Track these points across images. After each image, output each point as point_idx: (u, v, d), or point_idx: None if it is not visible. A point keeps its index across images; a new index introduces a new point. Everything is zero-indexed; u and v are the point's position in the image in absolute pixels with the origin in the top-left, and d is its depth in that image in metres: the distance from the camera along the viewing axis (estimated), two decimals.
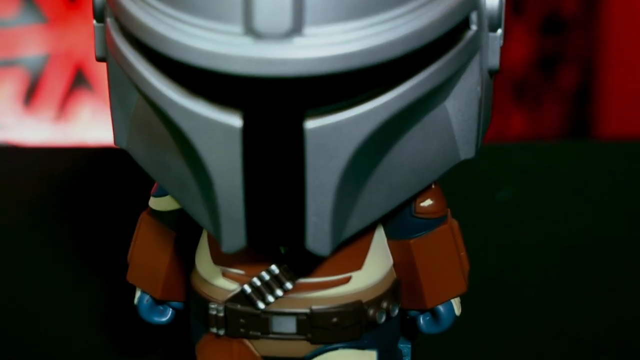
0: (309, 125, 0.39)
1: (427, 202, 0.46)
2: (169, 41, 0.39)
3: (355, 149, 0.40)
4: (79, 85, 1.21)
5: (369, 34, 0.39)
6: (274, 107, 0.39)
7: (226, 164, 0.40)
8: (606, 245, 0.69)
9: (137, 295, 0.49)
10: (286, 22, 0.38)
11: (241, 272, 0.46)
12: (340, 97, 0.39)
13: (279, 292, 0.45)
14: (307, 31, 0.38)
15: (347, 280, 0.46)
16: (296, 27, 0.38)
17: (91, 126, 1.22)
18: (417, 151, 0.43)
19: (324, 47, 0.38)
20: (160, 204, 0.48)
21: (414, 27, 0.39)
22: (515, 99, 1.27)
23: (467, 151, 0.44)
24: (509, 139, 1.25)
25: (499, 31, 0.43)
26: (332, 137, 0.39)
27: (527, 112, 1.28)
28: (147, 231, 0.48)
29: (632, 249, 0.69)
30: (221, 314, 0.46)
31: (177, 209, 0.47)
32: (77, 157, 0.82)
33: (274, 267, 0.45)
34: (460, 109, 0.43)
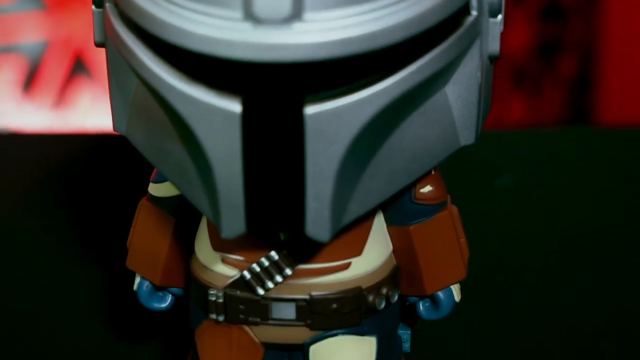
0: (309, 110, 0.39)
1: (426, 189, 0.46)
2: (169, 26, 0.39)
3: (355, 134, 0.40)
4: (78, 72, 1.21)
5: (369, 19, 0.38)
6: (274, 92, 0.39)
7: (225, 150, 0.40)
8: (606, 232, 0.69)
9: (137, 281, 0.49)
10: (286, 7, 0.38)
11: (240, 258, 0.46)
12: (340, 82, 0.39)
13: (279, 278, 0.45)
14: (306, 16, 0.38)
15: (346, 266, 0.46)
16: (296, 13, 0.38)
17: (90, 113, 1.22)
18: (417, 137, 0.42)
19: (323, 33, 0.38)
20: (159, 190, 0.48)
21: (414, 12, 0.39)
22: (515, 86, 1.27)
23: (467, 137, 0.44)
24: (509, 126, 1.25)
25: (499, 17, 0.43)
26: (331, 122, 0.39)
27: (527, 99, 1.28)
28: (146, 217, 0.48)
29: (632, 236, 0.69)
30: (220, 300, 0.46)
31: (177, 195, 0.47)
32: (76, 144, 0.82)
33: (273, 253, 0.45)
34: (460, 95, 0.43)
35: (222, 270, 0.46)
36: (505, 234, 0.69)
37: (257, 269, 0.45)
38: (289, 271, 0.45)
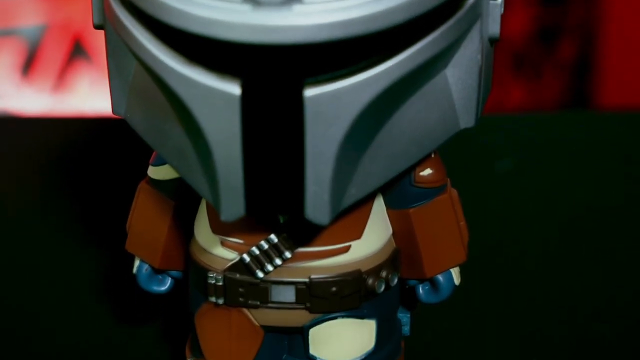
0: (309, 93, 0.39)
1: (426, 172, 0.46)
2: (168, 8, 0.39)
3: (355, 117, 0.39)
4: (77, 55, 1.21)
5: (369, 1, 0.38)
6: (273, 75, 0.39)
7: (225, 132, 0.40)
8: (605, 215, 0.69)
9: (136, 264, 0.49)
10: None
11: (240, 241, 0.45)
12: (340, 64, 0.39)
13: (278, 261, 0.45)
14: None
15: (346, 249, 0.46)
16: None
17: (89, 96, 1.22)
18: (417, 119, 0.42)
19: (323, 14, 0.38)
20: (159, 172, 0.48)
21: None
22: (515, 71, 1.27)
23: (467, 120, 0.44)
24: (509, 111, 1.25)
25: None
26: (331, 105, 0.39)
27: (527, 83, 1.28)
28: (145, 200, 0.48)
29: (632, 219, 0.69)
30: (220, 283, 0.46)
31: (176, 178, 0.47)
32: (75, 127, 0.82)
33: (273, 236, 0.45)
34: (460, 77, 0.43)
35: (222, 253, 0.46)
36: (505, 218, 0.69)
37: (257, 252, 0.45)
38: (288, 254, 0.45)
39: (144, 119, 0.44)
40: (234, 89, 0.39)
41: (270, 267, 0.45)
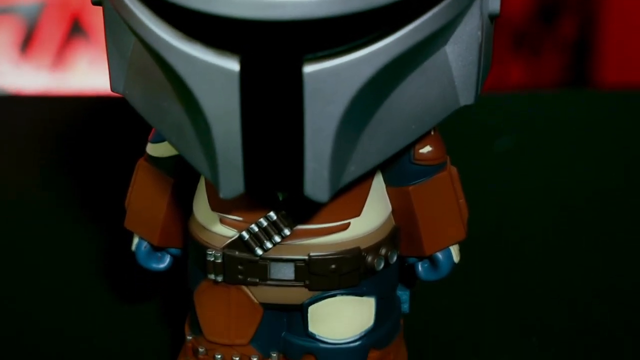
0: (308, 69, 0.39)
1: (426, 149, 0.46)
2: None
3: (354, 93, 0.39)
4: (76, 34, 1.21)
5: None
6: (273, 51, 0.39)
7: (224, 109, 0.39)
8: (605, 193, 0.69)
9: (135, 241, 0.49)
10: None
11: (239, 218, 0.45)
12: (339, 41, 0.39)
13: (277, 239, 0.45)
14: None
15: (345, 226, 0.46)
16: None
17: (88, 75, 1.21)
18: (416, 96, 0.42)
19: None
20: (157, 150, 0.48)
21: None
22: (515, 49, 1.27)
23: (466, 97, 0.44)
24: (509, 89, 1.24)
25: None
26: (330, 81, 0.39)
27: (527, 62, 1.28)
28: (144, 177, 0.48)
29: (631, 198, 0.69)
30: (219, 261, 0.46)
31: (175, 155, 0.47)
32: (73, 106, 0.82)
33: (272, 214, 0.45)
34: (460, 54, 0.43)
35: (221, 230, 0.46)
36: (504, 195, 0.69)
37: (256, 230, 0.45)
38: (287, 231, 0.45)
39: (142, 96, 0.44)
40: (233, 65, 0.39)
41: (269, 245, 0.45)
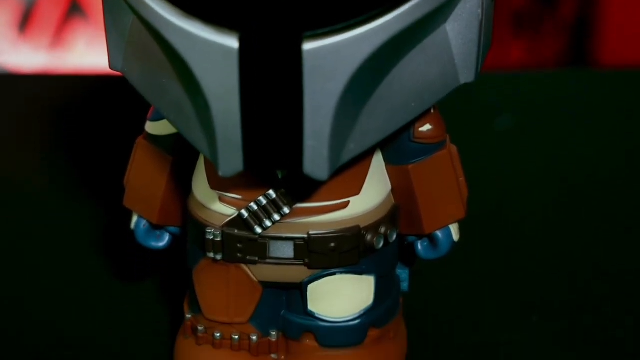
0: (307, 46, 0.38)
1: (426, 127, 0.46)
2: None
3: (354, 71, 0.39)
4: (74, 13, 1.20)
5: None
6: (272, 28, 0.39)
7: (223, 86, 0.39)
8: (605, 173, 0.69)
9: (134, 220, 0.49)
10: None
11: (238, 196, 0.45)
12: (339, 18, 0.39)
13: (277, 217, 0.45)
14: None
15: (345, 205, 0.45)
16: None
17: (86, 53, 1.21)
18: (416, 74, 0.42)
19: None
20: (156, 128, 0.47)
21: None
22: (515, 29, 1.26)
23: (466, 75, 0.44)
24: (509, 69, 1.24)
25: None
26: (330, 59, 0.39)
27: (527, 41, 1.27)
28: (143, 156, 0.48)
29: (631, 176, 0.69)
30: (218, 239, 0.45)
31: (174, 133, 0.47)
32: (72, 84, 0.82)
33: (271, 192, 0.45)
34: (460, 32, 0.43)
35: (220, 208, 0.46)
36: (504, 174, 0.69)
37: (255, 208, 0.45)
38: (287, 210, 0.45)
39: (141, 74, 0.44)
40: (232, 42, 0.39)
41: (268, 223, 0.45)
